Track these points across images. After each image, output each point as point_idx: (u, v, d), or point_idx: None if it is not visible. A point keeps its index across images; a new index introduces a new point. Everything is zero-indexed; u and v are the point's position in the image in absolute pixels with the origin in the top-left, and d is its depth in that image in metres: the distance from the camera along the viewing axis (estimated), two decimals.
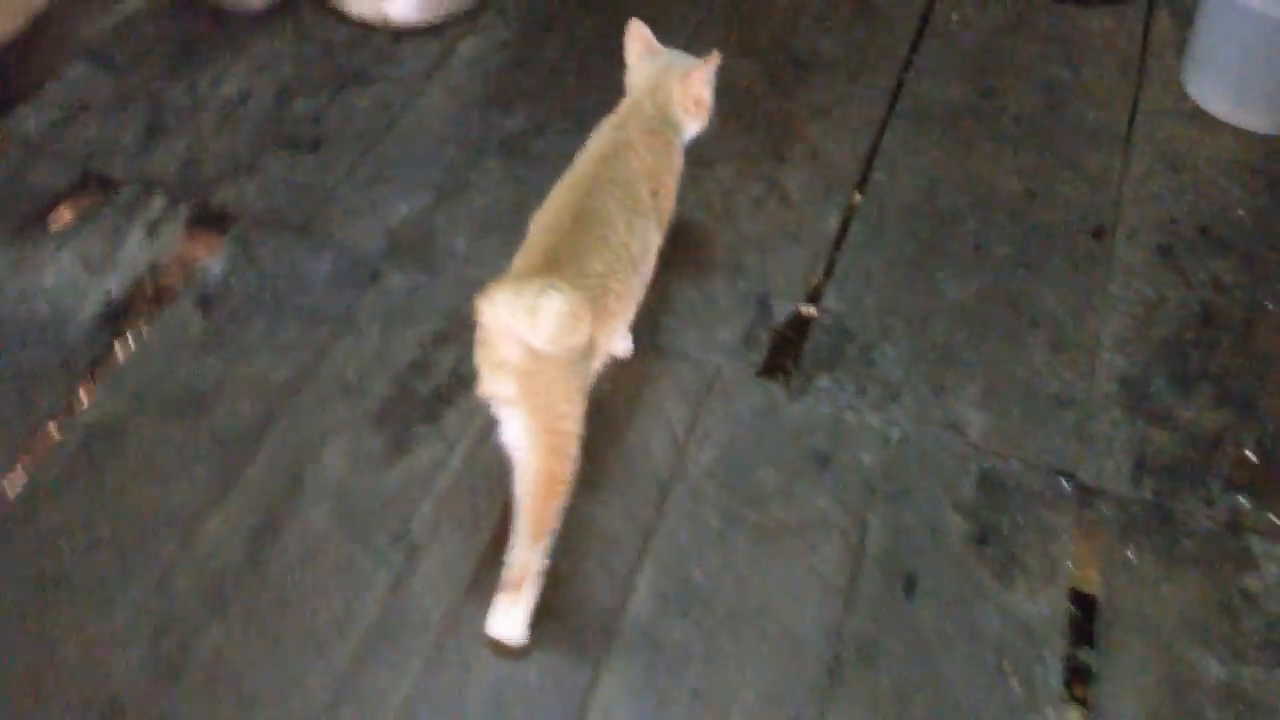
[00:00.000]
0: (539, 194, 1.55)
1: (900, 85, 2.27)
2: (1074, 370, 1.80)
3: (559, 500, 1.44)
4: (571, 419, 1.42)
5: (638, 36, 1.73)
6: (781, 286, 1.91)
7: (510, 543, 1.45)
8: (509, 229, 1.96)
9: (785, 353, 1.82)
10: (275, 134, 2.12)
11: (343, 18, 2.35)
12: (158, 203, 1.98)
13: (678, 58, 1.72)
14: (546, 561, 1.46)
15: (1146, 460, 1.70)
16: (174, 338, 1.79)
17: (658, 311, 1.84)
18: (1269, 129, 2.17)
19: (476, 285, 1.33)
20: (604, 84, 1.72)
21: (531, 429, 1.41)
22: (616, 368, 1.75)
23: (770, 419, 1.73)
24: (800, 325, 1.86)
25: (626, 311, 1.59)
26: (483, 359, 1.41)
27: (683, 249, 1.92)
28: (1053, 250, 1.97)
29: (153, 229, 1.95)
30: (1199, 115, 2.22)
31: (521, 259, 1.46)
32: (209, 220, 1.97)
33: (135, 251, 1.91)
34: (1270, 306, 1.90)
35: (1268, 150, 2.16)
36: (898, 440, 1.70)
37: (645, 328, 1.80)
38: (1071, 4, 2.43)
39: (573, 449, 1.44)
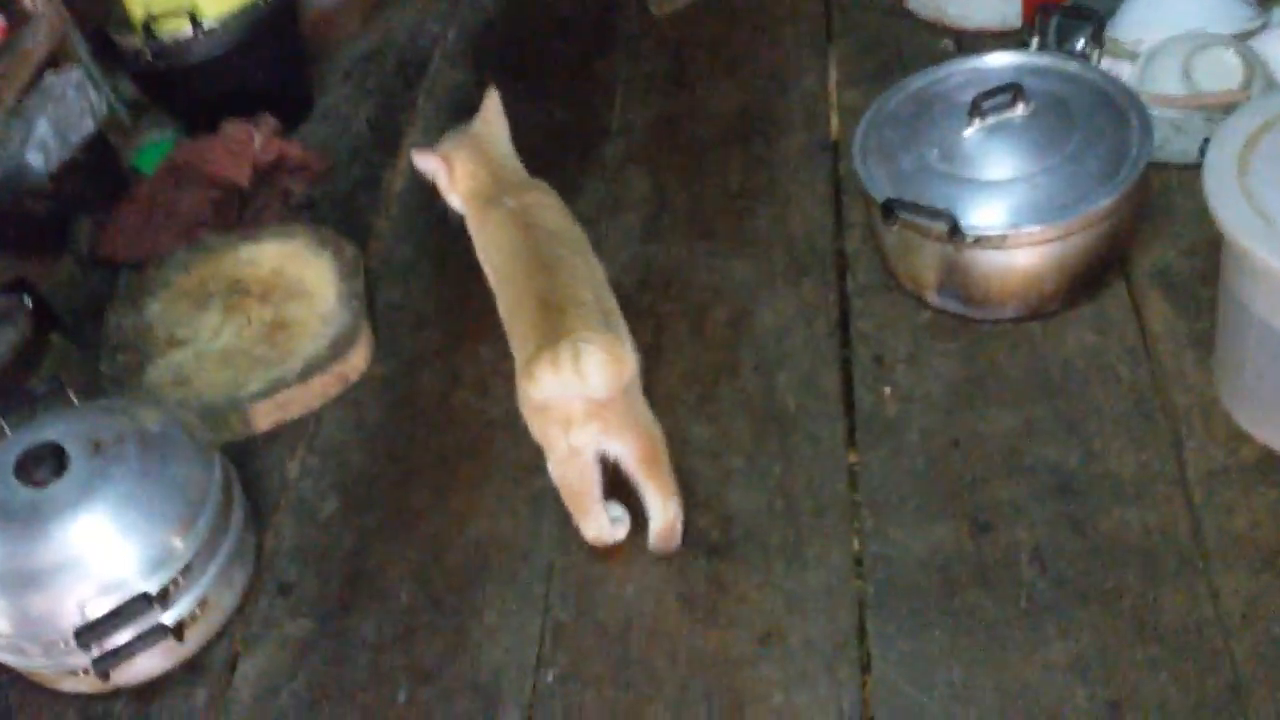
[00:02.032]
0: None
1: (860, 545, 1.59)
2: None
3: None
4: (650, 418, 1.57)
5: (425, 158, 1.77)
6: None
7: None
8: None
9: None
10: None
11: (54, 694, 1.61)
12: None
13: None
14: None
15: None
16: None
17: None
18: None
19: None
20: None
21: (627, 442, 1.52)
22: None
23: None
24: None
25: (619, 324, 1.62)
26: (549, 422, 1.48)
27: None
28: None
29: None
30: (1270, 461, 1.57)
31: (520, 334, 1.52)
32: None
33: None
34: None
35: None
36: None
37: None
38: (1032, 320, 1.78)
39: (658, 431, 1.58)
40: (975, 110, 1.70)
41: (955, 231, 1.62)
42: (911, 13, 2.40)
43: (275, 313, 2.01)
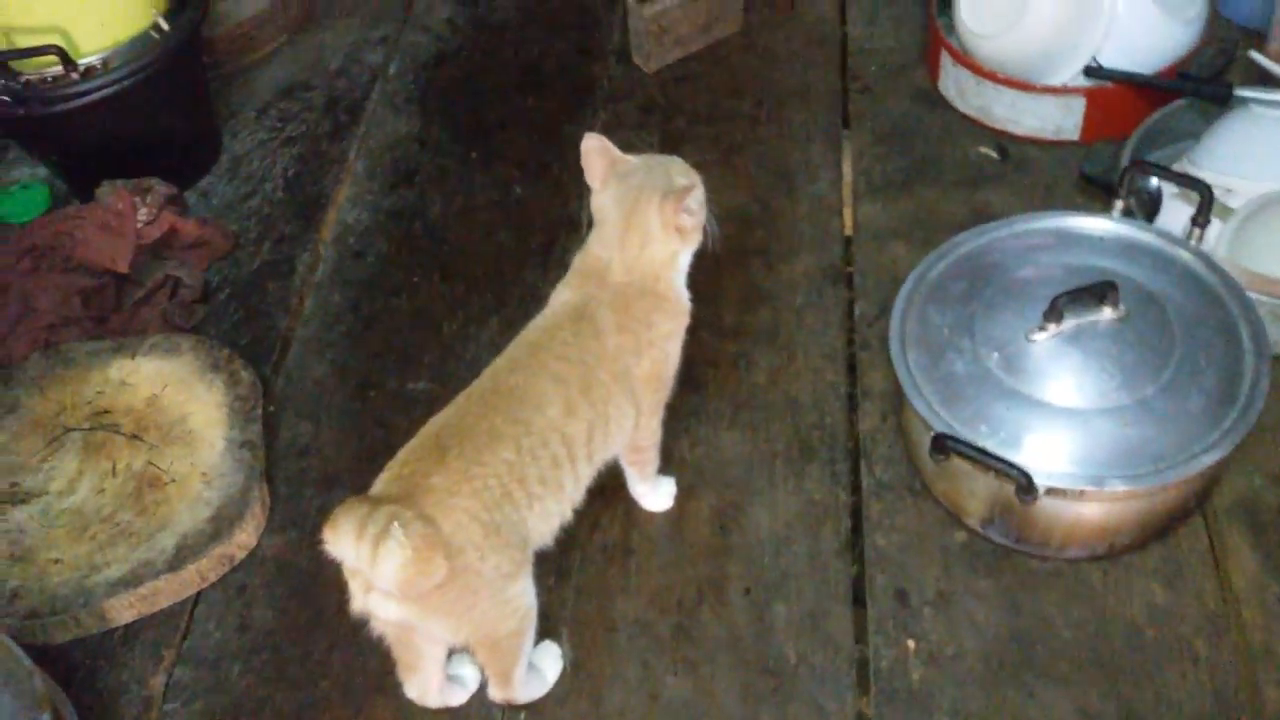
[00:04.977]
0: None
1: None
2: None
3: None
4: (508, 610, 1.25)
5: (597, 153, 1.39)
6: None
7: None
8: None
9: None
10: None
11: None
12: None
13: (654, 174, 1.38)
14: None
15: None
16: None
17: None
18: None
19: None
20: None
21: (449, 630, 1.25)
22: None
23: None
24: None
25: (562, 496, 1.31)
26: (348, 572, 1.20)
27: None
28: None
29: None
30: None
31: (412, 443, 1.26)
32: None
33: None
34: None
35: None
36: None
37: None
38: (1091, 560, 1.43)
39: (523, 627, 1.29)
40: (1053, 313, 1.34)
41: (1026, 490, 1.26)
42: (948, 104, 2.02)
43: (148, 460, 1.60)
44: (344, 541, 1.13)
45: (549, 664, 1.40)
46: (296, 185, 2.06)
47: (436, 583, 1.14)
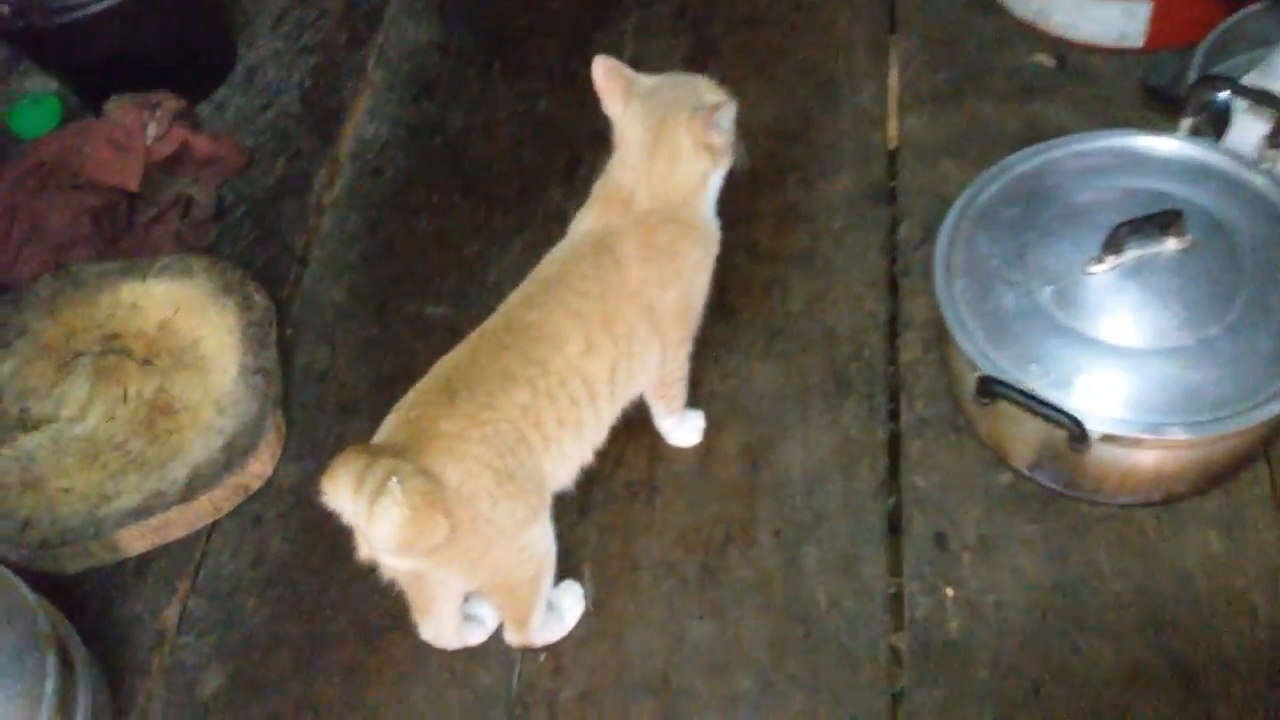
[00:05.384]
0: None
1: None
2: None
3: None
4: (524, 563, 1.20)
5: (611, 75, 1.30)
6: None
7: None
8: None
9: None
10: None
11: None
12: None
13: (681, 90, 1.30)
14: None
15: None
16: None
17: None
18: None
19: None
20: None
21: (459, 575, 1.21)
22: None
23: None
24: None
25: (582, 437, 1.24)
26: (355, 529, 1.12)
27: None
28: None
29: None
30: None
31: (421, 384, 1.19)
32: None
33: None
34: None
35: None
36: None
37: None
38: (1144, 505, 1.35)
39: (540, 573, 1.23)
40: (1113, 244, 1.23)
41: (1079, 438, 1.17)
42: (1002, 8, 1.88)
43: (160, 387, 1.55)
44: (341, 495, 1.07)
45: (570, 604, 1.35)
46: (313, 97, 1.97)
47: (436, 543, 1.08)
